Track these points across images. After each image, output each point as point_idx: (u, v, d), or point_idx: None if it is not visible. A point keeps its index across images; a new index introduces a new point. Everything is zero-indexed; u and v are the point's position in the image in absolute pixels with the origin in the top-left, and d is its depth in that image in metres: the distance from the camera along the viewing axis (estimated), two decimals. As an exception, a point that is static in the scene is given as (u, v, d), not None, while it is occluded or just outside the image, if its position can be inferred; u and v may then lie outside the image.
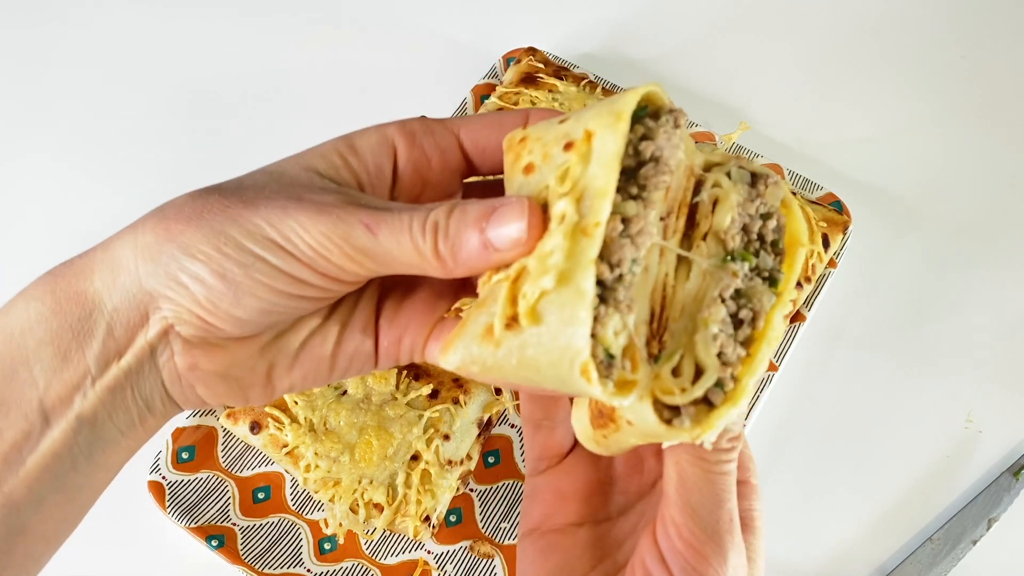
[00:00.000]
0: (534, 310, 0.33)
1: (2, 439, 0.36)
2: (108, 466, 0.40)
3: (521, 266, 0.34)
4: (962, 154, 1.02)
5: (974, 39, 1.12)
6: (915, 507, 0.82)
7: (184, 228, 0.36)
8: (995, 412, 0.86)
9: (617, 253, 0.34)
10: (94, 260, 0.38)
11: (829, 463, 0.83)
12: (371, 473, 0.72)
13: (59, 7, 1.12)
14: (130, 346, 0.38)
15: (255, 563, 0.73)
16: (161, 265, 0.36)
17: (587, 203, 0.33)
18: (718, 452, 0.37)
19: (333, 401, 0.74)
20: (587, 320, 0.32)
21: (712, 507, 0.37)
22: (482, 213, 0.35)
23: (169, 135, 1.02)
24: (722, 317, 0.35)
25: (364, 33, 1.11)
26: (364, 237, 0.36)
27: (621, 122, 0.34)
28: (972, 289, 0.93)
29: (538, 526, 0.46)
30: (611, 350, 0.34)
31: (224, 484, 0.77)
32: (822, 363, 0.88)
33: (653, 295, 0.37)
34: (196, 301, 0.37)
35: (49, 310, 0.37)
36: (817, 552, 0.80)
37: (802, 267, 0.38)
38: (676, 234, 0.38)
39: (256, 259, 0.36)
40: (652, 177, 0.35)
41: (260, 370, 0.41)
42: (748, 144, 0.96)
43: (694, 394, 0.34)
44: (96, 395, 0.37)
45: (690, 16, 1.13)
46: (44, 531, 0.38)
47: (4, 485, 0.36)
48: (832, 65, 1.09)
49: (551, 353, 0.33)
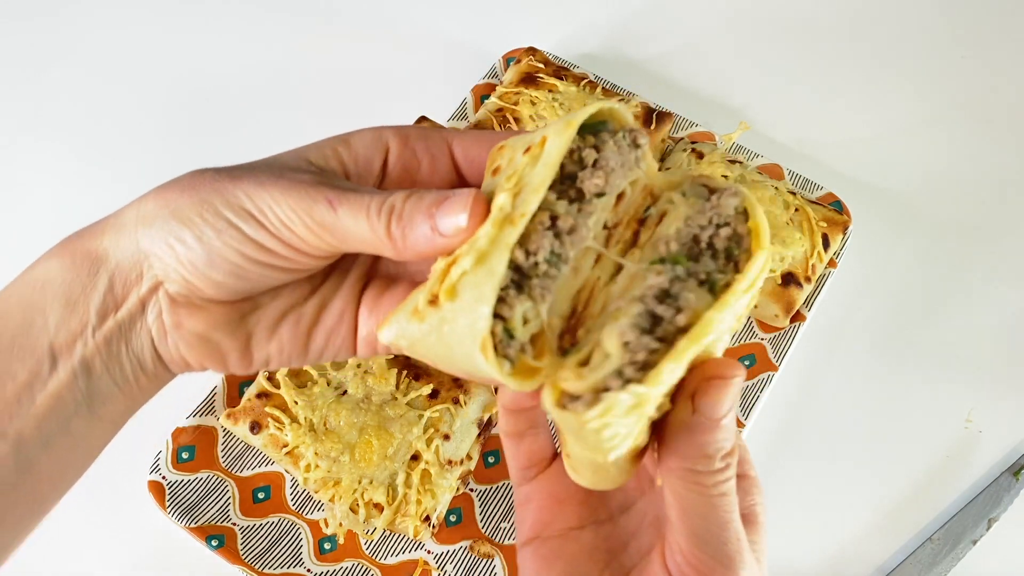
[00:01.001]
0: (453, 287, 0.35)
1: (16, 379, 0.40)
2: (108, 419, 0.43)
3: (459, 252, 0.36)
4: (962, 154, 1.03)
5: (974, 39, 1.12)
6: (915, 507, 0.82)
7: (178, 196, 0.40)
8: (995, 412, 0.86)
9: (536, 242, 0.36)
10: (106, 224, 0.42)
11: (829, 463, 0.83)
12: (371, 473, 0.72)
13: (60, 6, 1.12)
14: (125, 301, 0.42)
15: (255, 563, 0.73)
16: (155, 228, 0.40)
17: (522, 197, 0.35)
18: (714, 474, 0.37)
19: (333, 401, 0.74)
20: (491, 298, 0.33)
21: (717, 531, 0.37)
22: (434, 200, 0.38)
23: (168, 134, 1.02)
24: (636, 311, 0.35)
25: (364, 33, 1.11)
26: (325, 212, 0.39)
27: (570, 128, 0.36)
28: (972, 289, 0.93)
29: (538, 534, 0.45)
30: (514, 332, 0.35)
31: (224, 484, 0.77)
32: (822, 363, 0.88)
33: (579, 294, 0.38)
34: (179, 261, 0.40)
35: (66, 265, 0.41)
36: (817, 552, 0.80)
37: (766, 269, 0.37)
38: (619, 244, 0.39)
39: (229, 225, 0.40)
40: (587, 180, 0.37)
41: (239, 337, 0.44)
42: (748, 144, 0.96)
43: (589, 379, 0.34)
44: (95, 344, 0.41)
45: (690, 16, 1.13)
46: (50, 473, 0.42)
47: (16, 421, 0.40)
48: (833, 65, 1.10)
49: (462, 330, 0.34)
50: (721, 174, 0.88)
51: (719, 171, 0.89)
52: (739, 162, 0.91)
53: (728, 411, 0.36)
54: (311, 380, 0.76)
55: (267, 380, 0.76)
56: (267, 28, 1.11)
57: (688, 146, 0.93)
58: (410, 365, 0.78)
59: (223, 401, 0.79)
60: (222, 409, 0.78)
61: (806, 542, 0.80)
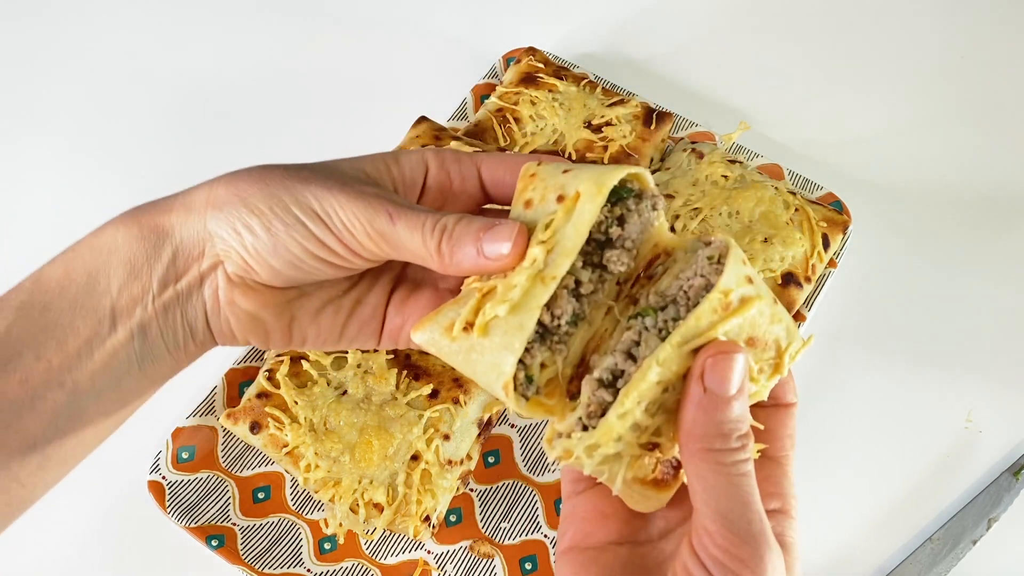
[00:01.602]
0: (486, 326, 0.40)
1: (79, 335, 0.45)
2: (153, 378, 0.48)
3: (493, 284, 0.42)
4: (962, 154, 1.02)
5: (974, 39, 1.12)
6: (915, 507, 0.82)
7: (249, 187, 0.45)
8: (995, 412, 0.86)
9: (561, 307, 0.41)
10: (175, 201, 0.47)
11: (829, 463, 0.83)
12: (371, 473, 0.72)
13: (60, 6, 1.12)
14: (186, 274, 0.46)
15: (255, 563, 0.73)
16: (225, 213, 0.45)
17: (554, 256, 0.40)
18: (732, 452, 0.39)
19: (333, 401, 0.74)
20: (519, 351, 0.40)
21: (741, 510, 0.39)
22: (482, 226, 0.43)
23: (166, 133, 1.02)
24: (606, 365, 0.40)
25: (364, 33, 1.11)
26: (385, 223, 0.44)
27: (600, 195, 0.41)
28: (972, 289, 0.93)
29: (577, 544, 0.47)
30: (533, 378, 0.41)
31: (224, 484, 0.77)
32: (822, 363, 0.88)
33: (589, 344, 0.44)
34: (244, 246, 0.45)
35: (133, 235, 0.46)
36: (817, 552, 0.80)
37: (722, 314, 0.40)
38: (625, 299, 0.44)
39: (298, 222, 0.45)
40: (614, 262, 0.43)
41: (284, 319, 0.49)
42: (748, 144, 0.96)
43: (563, 428, 0.41)
44: (153, 310, 0.46)
45: (691, 16, 1.13)
46: (95, 422, 0.46)
47: (75, 372, 0.44)
48: (832, 65, 1.10)
49: (487, 363, 0.40)
50: (721, 174, 0.89)
51: (719, 171, 0.89)
52: (739, 162, 0.91)
53: (738, 389, 0.39)
54: (311, 380, 0.76)
55: (267, 380, 0.76)
56: (266, 29, 1.11)
57: (688, 146, 0.93)
58: (410, 365, 0.78)
59: (223, 401, 0.79)
60: (222, 409, 0.78)
61: (806, 542, 0.80)
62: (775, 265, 0.84)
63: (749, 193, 0.86)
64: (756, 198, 0.86)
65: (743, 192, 0.86)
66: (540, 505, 0.77)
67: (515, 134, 0.91)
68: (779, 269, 0.84)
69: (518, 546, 0.76)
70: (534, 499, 0.78)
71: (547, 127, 0.92)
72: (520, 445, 0.80)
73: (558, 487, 0.78)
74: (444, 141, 0.84)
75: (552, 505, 0.77)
